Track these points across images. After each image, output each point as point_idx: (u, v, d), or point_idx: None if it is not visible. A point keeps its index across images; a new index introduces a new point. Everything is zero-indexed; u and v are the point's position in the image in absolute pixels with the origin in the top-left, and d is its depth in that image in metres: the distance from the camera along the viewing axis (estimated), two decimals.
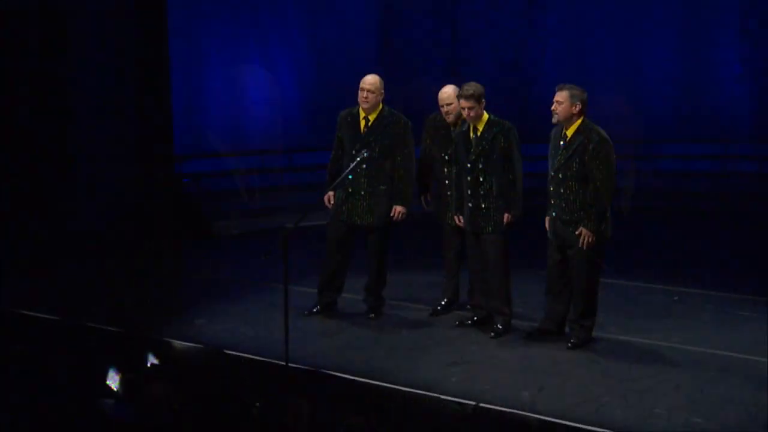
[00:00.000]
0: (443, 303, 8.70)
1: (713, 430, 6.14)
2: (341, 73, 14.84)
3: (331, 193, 8.41)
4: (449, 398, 6.64)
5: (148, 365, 7.29)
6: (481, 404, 6.48)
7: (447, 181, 8.44)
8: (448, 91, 8.25)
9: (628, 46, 16.22)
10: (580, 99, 7.49)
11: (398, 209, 8.35)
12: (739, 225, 13.21)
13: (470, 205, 7.99)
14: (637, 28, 16.24)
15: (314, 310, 8.60)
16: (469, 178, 7.98)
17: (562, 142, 7.57)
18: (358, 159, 8.03)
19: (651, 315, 8.61)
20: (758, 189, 14.68)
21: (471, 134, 7.97)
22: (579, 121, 7.52)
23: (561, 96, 7.50)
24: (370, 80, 8.27)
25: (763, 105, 15.63)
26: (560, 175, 7.57)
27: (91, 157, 11.45)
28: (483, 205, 7.94)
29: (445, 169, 8.44)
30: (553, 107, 7.54)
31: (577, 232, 7.50)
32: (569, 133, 7.54)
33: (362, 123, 8.33)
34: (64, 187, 11.34)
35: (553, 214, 7.68)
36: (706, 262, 10.94)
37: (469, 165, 7.96)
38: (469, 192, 7.99)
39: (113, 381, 6.72)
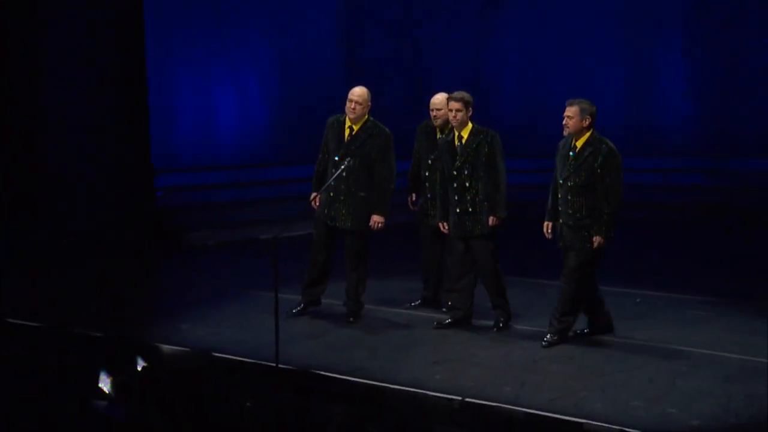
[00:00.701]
0: (420, 300, 9.07)
1: (688, 419, 6.34)
2: (306, 89, 15.16)
3: (317, 195, 8.58)
4: (436, 394, 6.78)
5: (139, 368, 7.46)
6: (467, 399, 6.66)
7: (427, 183, 8.76)
8: (439, 98, 8.57)
9: (578, 65, 16.75)
10: (590, 113, 7.72)
11: (376, 218, 8.50)
12: (687, 233, 13.72)
13: (457, 210, 8.22)
14: (587, 48, 16.79)
15: (298, 308, 8.77)
16: (455, 185, 8.22)
17: (571, 153, 7.79)
18: (342, 167, 8.23)
19: (617, 316, 8.68)
20: (702, 199, 15.22)
21: (456, 142, 8.23)
22: (588, 133, 7.76)
23: (571, 111, 7.72)
24: (358, 92, 8.43)
25: (706, 120, 16.24)
26: (569, 183, 7.79)
27: (75, 169, 11.55)
28: (470, 209, 8.18)
29: (427, 173, 8.75)
30: (564, 122, 7.75)
31: (590, 243, 7.73)
32: (578, 144, 7.77)
33: (347, 131, 8.49)
34: (45, 196, 11.43)
35: (560, 220, 7.91)
36: (661, 268, 11.35)
37: (455, 172, 8.20)
38: (456, 198, 8.22)
39: (105, 383, 6.88)
